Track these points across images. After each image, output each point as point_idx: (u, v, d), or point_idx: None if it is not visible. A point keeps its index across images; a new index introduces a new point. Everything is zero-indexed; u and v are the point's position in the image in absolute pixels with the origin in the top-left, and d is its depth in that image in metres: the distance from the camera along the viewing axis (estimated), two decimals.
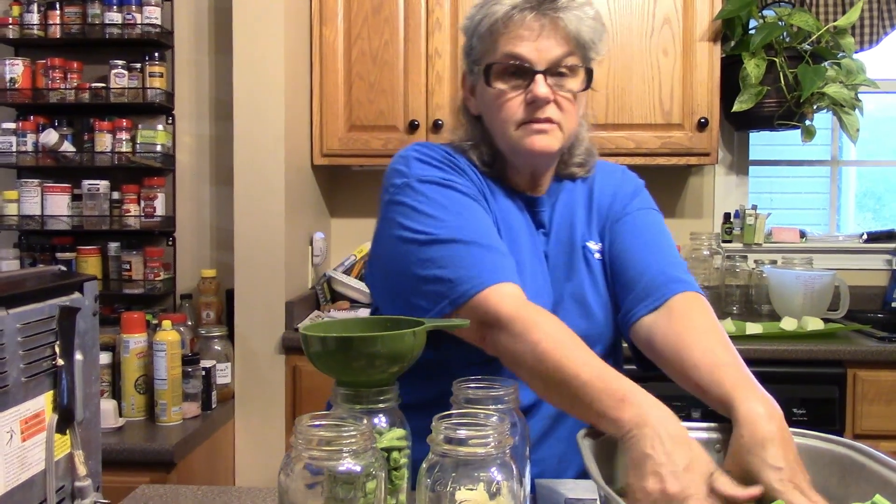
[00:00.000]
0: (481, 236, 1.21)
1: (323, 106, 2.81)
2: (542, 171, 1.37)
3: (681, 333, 1.25)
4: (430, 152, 1.32)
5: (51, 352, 0.99)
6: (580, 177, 1.42)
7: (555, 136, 1.28)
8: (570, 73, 1.28)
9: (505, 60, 1.27)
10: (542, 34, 1.24)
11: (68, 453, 1.02)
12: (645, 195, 1.44)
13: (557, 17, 1.24)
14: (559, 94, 1.27)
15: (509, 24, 1.25)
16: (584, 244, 1.36)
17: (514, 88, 1.27)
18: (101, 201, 2.77)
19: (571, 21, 1.24)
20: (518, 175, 1.36)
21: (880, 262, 3.15)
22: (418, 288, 1.20)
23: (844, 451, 0.98)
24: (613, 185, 1.42)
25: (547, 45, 1.25)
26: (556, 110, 1.27)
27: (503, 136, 1.31)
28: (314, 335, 0.92)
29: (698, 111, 2.75)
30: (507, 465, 0.83)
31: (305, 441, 0.80)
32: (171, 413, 2.25)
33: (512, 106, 1.27)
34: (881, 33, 3.03)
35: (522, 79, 1.26)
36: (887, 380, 2.44)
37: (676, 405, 2.44)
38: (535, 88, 1.25)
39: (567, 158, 1.40)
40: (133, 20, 2.73)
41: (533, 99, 1.25)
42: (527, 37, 1.25)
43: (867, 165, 3.42)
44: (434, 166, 1.29)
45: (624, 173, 1.48)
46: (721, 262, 3.07)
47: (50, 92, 2.74)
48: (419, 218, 1.23)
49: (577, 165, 1.42)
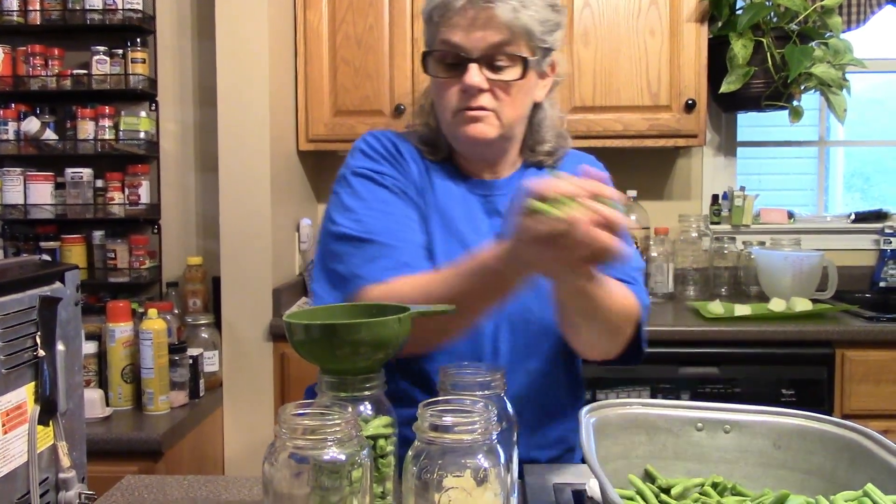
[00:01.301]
0: (385, 234, 1.26)
1: (308, 91, 2.79)
2: (493, 157, 1.38)
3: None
4: (376, 143, 1.37)
5: (32, 342, 0.98)
6: (548, 165, 1.42)
7: (490, 124, 1.29)
8: (508, 62, 1.27)
9: (441, 48, 1.28)
10: (476, 23, 1.24)
11: (51, 445, 1.01)
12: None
13: (491, 7, 1.23)
14: (495, 82, 1.27)
15: (446, 12, 1.26)
16: None
17: (451, 76, 1.29)
18: (84, 189, 2.75)
19: (505, 11, 1.23)
20: (468, 160, 1.39)
21: (868, 242, 3.15)
22: (319, 277, 1.29)
23: (855, 436, 0.97)
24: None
25: (481, 34, 1.25)
26: (492, 99, 1.28)
27: (443, 122, 1.34)
28: (297, 322, 0.91)
29: (686, 93, 2.74)
30: (493, 451, 0.82)
31: (289, 430, 0.79)
32: (158, 402, 2.24)
33: (449, 93, 1.29)
34: (868, 13, 3.02)
35: (458, 67, 1.27)
36: (875, 359, 2.45)
37: (665, 387, 2.46)
38: (466, 77, 1.25)
39: (533, 145, 1.41)
40: (114, 5, 2.69)
41: (465, 87, 1.26)
42: (462, 25, 1.25)
43: (855, 145, 3.43)
44: (372, 158, 1.35)
45: (592, 164, 1.46)
46: (709, 244, 3.07)
47: (31, 79, 2.71)
48: (341, 211, 1.31)
49: (546, 154, 1.42)
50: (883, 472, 0.91)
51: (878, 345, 2.45)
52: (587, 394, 2.41)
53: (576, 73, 2.75)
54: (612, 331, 1.21)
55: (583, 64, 2.75)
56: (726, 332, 2.47)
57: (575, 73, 2.75)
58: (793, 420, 1.03)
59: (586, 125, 2.76)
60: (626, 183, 3.09)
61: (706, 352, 2.45)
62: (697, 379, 2.43)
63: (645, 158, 3.15)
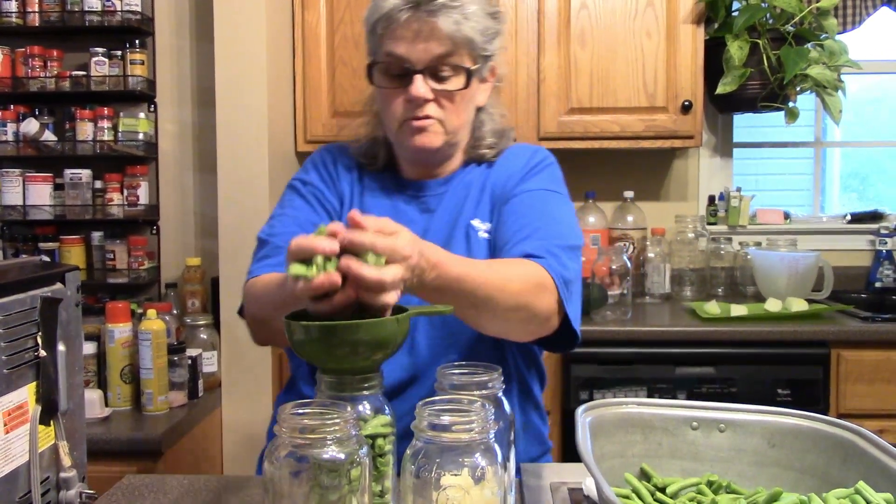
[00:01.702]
0: (282, 236, 1.33)
1: (306, 91, 2.80)
2: (438, 163, 1.42)
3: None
4: (317, 157, 1.48)
5: (33, 343, 0.99)
6: (488, 159, 1.44)
7: (435, 133, 1.33)
8: (451, 72, 1.30)
9: (385, 59, 1.31)
10: (419, 35, 1.27)
11: (52, 444, 1.02)
12: (544, 175, 1.42)
13: (434, 20, 1.25)
14: (440, 93, 1.30)
15: (390, 23, 1.28)
16: (469, 222, 1.38)
17: (396, 87, 1.31)
18: (83, 190, 2.75)
19: (448, 23, 1.26)
20: (411, 166, 1.43)
21: (864, 242, 3.17)
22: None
23: (847, 435, 0.99)
24: (515, 167, 1.42)
25: (425, 46, 1.27)
26: (437, 108, 1.31)
27: (389, 131, 1.38)
28: (297, 323, 0.92)
29: (682, 94, 2.75)
30: (491, 449, 0.83)
31: (289, 429, 0.80)
32: (157, 402, 2.25)
33: (394, 104, 1.33)
34: (863, 15, 3.03)
35: (403, 78, 1.30)
36: (871, 359, 2.46)
37: (661, 387, 2.47)
38: (411, 89, 1.28)
39: (474, 143, 1.43)
40: (113, 7, 2.70)
41: (410, 98, 1.29)
42: (406, 37, 1.27)
43: (850, 146, 3.44)
44: (309, 168, 1.46)
45: (532, 155, 1.45)
46: (706, 245, 3.08)
47: (30, 80, 2.71)
48: (270, 217, 1.43)
49: (486, 147, 1.44)
50: (875, 469, 0.92)
51: (874, 345, 2.46)
52: (584, 394, 2.43)
53: (572, 74, 2.76)
54: (509, 312, 1.15)
55: (579, 65, 2.76)
56: (723, 332, 2.48)
57: (572, 75, 2.76)
58: (786, 419, 1.04)
59: (583, 126, 2.77)
60: (622, 184, 3.10)
61: (703, 352, 2.46)
62: (694, 379, 2.44)
63: (642, 159, 3.16)
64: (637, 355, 2.46)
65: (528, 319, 1.18)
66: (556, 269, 1.21)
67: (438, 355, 1.30)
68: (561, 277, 1.21)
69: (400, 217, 1.35)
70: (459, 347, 1.31)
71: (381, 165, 1.44)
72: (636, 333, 2.48)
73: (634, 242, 3.04)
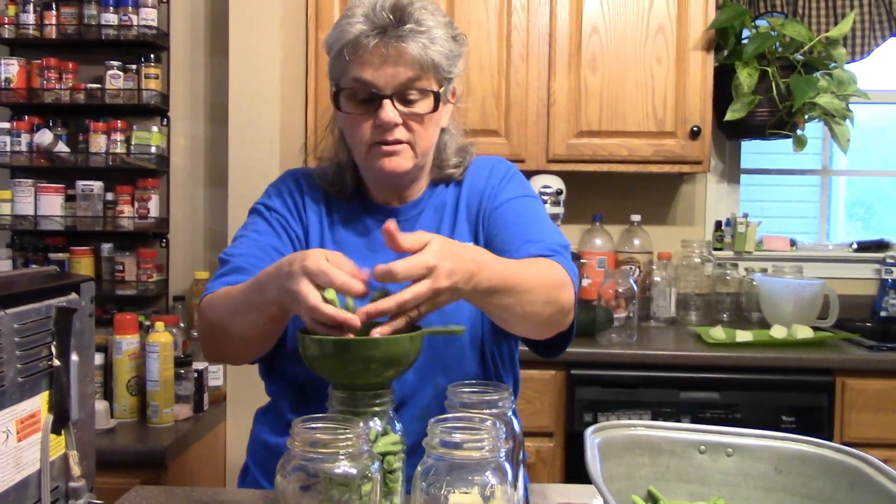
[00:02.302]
0: (243, 258, 1.34)
1: (318, 109, 2.82)
2: (405, 185, 1.42)
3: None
4: (282, 184, 1.47)
5: (47, 352, 0.99)
6: (455, 178, 1.46)
7: (405, 157, 1.33)
8: (419, 96, 1.31)
9: (353, 85, 1.31)
10: (387, 60, 1.27)
11: (63, 454, 1.02)
12: (515, 183, 1.45)
13: (402, 45, 1.26)
14: (409, 116, 1.31)
15: (357, 49, 1.28)
16: None
17: (364, 112, 1.32)
18: (94, 202, 2.77)
19: (415, 48, 1.26)
20: (379, 190, 1.43)
21: (869, 271, 3.17)
22: None
23: (854, 462, 0.99)
24: (482, 181, 1.44)
25: (393, 71, 1.28)
26: (406, 132, 1.32)
27: (357, 156, 1.38)
28: (311, 337, 0.93)
29: (691, 119, 2.77)
30: (501, 468, 0.84)
31: (302, 443, 0.81)
32: (162, 415, 2.25)
33: (363, 129, 1.32)
34: (872, 44, 3.05)
35: (371, 103, 1.30)
36: (875, 388, 2.46)
37: (665, 411, 2.46)
38: (381, 113, 1.28)
39: (440, 164, 1.44)
40: (129, 21, 2.73)
41: (380, 123, 1.29)
42: (373, 63, 1.28)
43: (857, 175, 3.45)
44: (270, 196, 1.46)
45: (494, 166, 1.48)
46: (712, 270, 3.09)
47: (45, 92, 2.74)
48: (234, 238, 1.43)
49: (453, 167, 1.45)
50: (882, 497, 0.93)
51: (879, 374, 2.46)
52: (588, 416, 2.43)
53: (583, 98, 2.78)
54: (543, 307, 1.19)
55: (590, 89, 2.78)
56: (728, 357, 2.48)
57: (582, 99, 2.78)
58: (793, 445, 1.05)
59: (592, 149, 2.78)
60: (629, 207, 3.11)
61: (707, 377, 2.46)
62: (698, 404, 2.44)
63: (649, 183, 3.17)
64: (642, 379, 2.46)
65: (556, 313, 1.21)
66: (567, 266, 1.26)
67: (425, 378, 1.30)
68: (572, 271, 1.26)
69: (373, 244, 1.39)
70: (445, 368, 1.31)
71: (349, 192, 1.44)
72: (641, 357, 2.48)
73: (641, 266, 3.05)
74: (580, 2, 2.77)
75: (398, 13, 1.27)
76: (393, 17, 1.26)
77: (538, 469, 2.49)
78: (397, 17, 1.26)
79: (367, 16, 1.27)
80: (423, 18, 1.28)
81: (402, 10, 1.27)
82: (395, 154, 1.32)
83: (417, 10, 1.28)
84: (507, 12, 2.77)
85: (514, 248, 1.29)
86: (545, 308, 1.18)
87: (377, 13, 1.26)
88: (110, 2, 2.72)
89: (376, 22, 1.26)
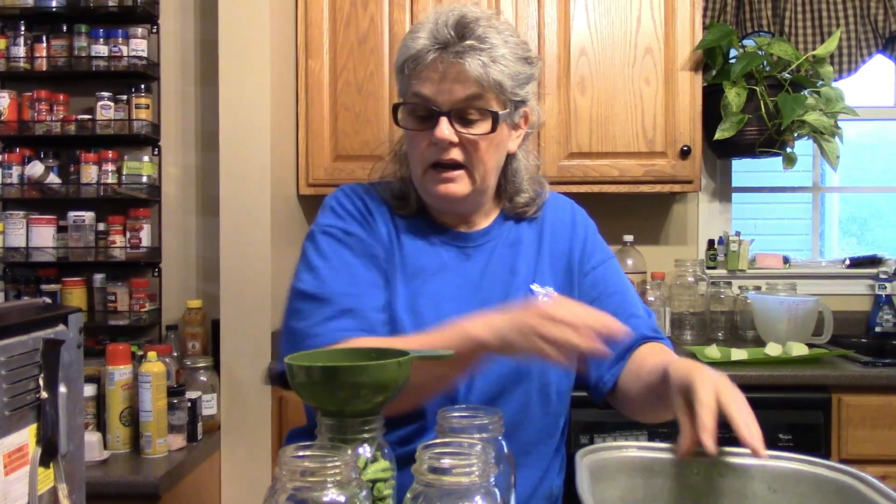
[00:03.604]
0: (346, 297, 1.26)
1: (309, 136, 2.82)
2: (466, 211, 1.38)
3: (640, 360, 1.31)
4: (346, 201, 1.37)
5: (34, 384, 0.99)
6: (529, 216, 1.43)
7: (462, 183, 1.30)
8: (479, 116, 1.27)
9: (413, 101, 1.29)
10: (446, 77, 1.25)
11: (52, 487, 1.01)
12: (600, 241, 1.47)
13: (462, 62, 1.23)
14: (465, 136, 1.27)
15: (418, 64, 1.26)
16: (529, 286, 1.36)
17: (421, 129, 1.29)
18: (86, 233, 2.77)
19: (475, 65, 1.23)
20: (439, 212, 1.39)
21: (863, 287, 3.17)
22: (283, 332, 1.30)
23: (848, 480, 0.99)
24: (565, 228, 1.43)
25: (451, 87, 1.25)
26: (462, 153, 1.28)
27: (414, 176, 1.34)
28: (299, 364, 0.93)
29: (681, 139, 2.78)
30: (491, 493, 0.83)
31: (289, 471, 0.80)
32: (156, 445, 2.24)
33: (420, 146, 1.30)
34: (859, 61, 3.08)
35: (429, 120, 1.28)
36: (871, 404, 2.45)
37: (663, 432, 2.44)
38: (436, 131, 1.25)
39: (511, 196, 1.41)
40: (119, 52, 2.74)
41: (435, 141, 1.26)
42: (433, 78, 1.25)
43: (848, 191, 3.46)
44: (341, 217, 1.35)
45: (575, 212, 1.47)
46: (706, 289, 3.09)
47: (36, 124, 2.75)
48: (306, 269, 1.31)
49: (524, 205, 1.42)
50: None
51: (875, 390, 2.46)
52: (584, 439, 2.42)
53: (572, 119, 2.80)
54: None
55: (579, 111, 2.79)
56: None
57: (572, 120, 2.80)
58: (787, 463, 1.04)
59: (583, 171, 2.79)
60: (622, 228, 3.11)
61: None
62: None
63: (641, 203, 3.18)
64: None
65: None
66: (669, 346, 1.33)
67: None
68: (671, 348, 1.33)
69: (444, 267, 1.35)
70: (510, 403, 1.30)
71: (413, 208, 1.38)
72: None
73: (635, 286, 3.04)
74: (568, 24, 2.79)
75: (461, 30, 1.24)
76: (455, 34, 1.24)
77: None
78: (459, 33, 1.24)
79: (430, 31, 1.25)
80: (488, 36, 1.25)
81: (466, 26, 1.25)
82: (451, 181, 1.29)
83: (482, 28, 1.25)
84: None
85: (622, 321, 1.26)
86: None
87: (440, 29, 1.25)
88: (100, 33, 2.74)
89: (438, 38, 1.24)
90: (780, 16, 3.07)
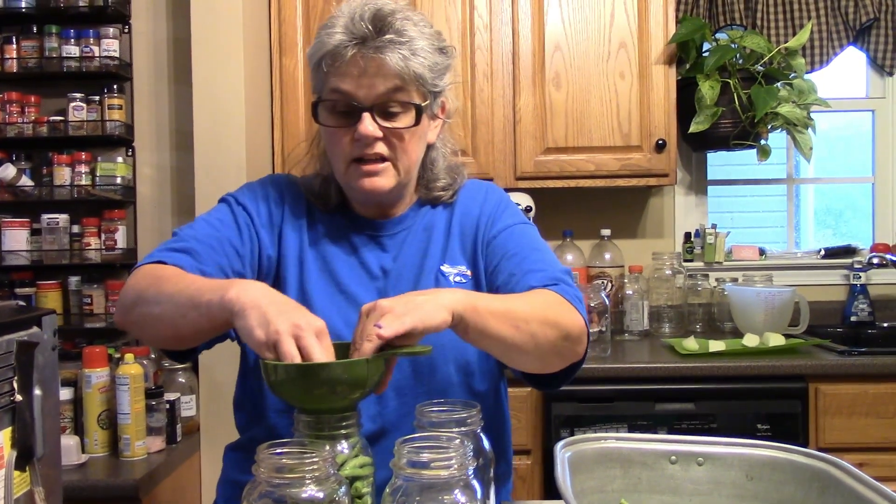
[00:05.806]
0: (194, 239, 1.29)
1: (284, 135, 2.81)
2: (389, 203, 1.39)
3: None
4: (262, 186, 1.43)
5: (9, 387, 0.98)
6: (444, 201, 1.43)
7: (387, 176, 1.30)
8: (401, 109, 1.27)
9: (332, 97, 1.28)
10: (366, 72, 1.24)
11: (28, 490, 1.01)
12: (510, 211, 1.44)
13: (382, 56, 1.23)
14: (390, 130, 1.27)
15: (336, 60, 1.25)
16: (438, 267, 1.37)
17: (344, 125, 1.28)
18: (60, 235, 2.74)
19: (395, 59, 1.23)
20: (361, 205, 1.39)
21: (838, 277, 3.20)
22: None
23: (824, 466, 1.00)
24: (476, 206, 1.43)
25: (372, 82, 1.24)
26: (386, 147, 1.28)
27: (337, 171, 1.34)
28: (273, 363, 0.92)
29: (656, 133, 2.79)
30: (470, 486, 0.83)
31: (267, 468, 0.80)
32: (135, 448, 2.22)
33: (342, 143, 1.29)
34: (830, 54, 3.11)
35: (350, 116, 1.27)
36: (848, 393, 2.48)
37: (642, 424, 2.46)
38: (360, 127, 1.25)
39: (427, 183, 1.42)
40: (91, 53, 2.71)
41: (359, 137, 1.26)
42: (352, 74, 1.24)
43: (821, 183, 3.50)
44: (249, 194, 1.40)
45: (488, 192, 1.46)
46: (683, 281, 3.11)
47: (7, 126, 2.71)
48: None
49: (441, 190, 1.42)
50: (852, 499, 0.93)
51: (851, 378, 2.48)
52: (565, 433, 2.43)
53: (548, 114, 2.80)
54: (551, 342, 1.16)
55: (555, 106, 2.80)
56: (701, 368, 2.49)
57: (547, 115, 2.80)
58: (764, 451, 1.05)
59: (559, 166, 2.80)
60: (599, 222, 3.13)
61: (682, 388, 2.47)
62: (674, 415, 2.44)
63: (618, 198, 3.19)
64: (617, 392, 2.46)
65: (561, 340, 1.17)
66: (570, 293, 1.24)
67: (403, 424, 1.24)
68: (576, 298, 1.24)
69: (361, 257, 1.36)
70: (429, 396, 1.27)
71: (333, 205, 1.40)
72: (616, 371, 2.49)
73: (612, 280, 3.06)
74: (542, 20, 2.80)
75: (378, 23, 1.23)
76: (372, 28, 1.22)
77: (516, 486, 2.48)
78: (377, 27, 1.23)
79: (346, 26, 1.24)
80: (405, 29, 1.24)
81: (383, 20, 1.23)
82: (375, 174, 1.29)
83: (399, 21, 1.24)
84: (470, 32, 2.79)
85: (517, 280, 1.27)
86: (556, 343, 1.16)
87: (356, 23, 1.23)
88: (71, 34, 2.71)
89: (356, 32, 1.23)
90: (752, 9, 3.10)
